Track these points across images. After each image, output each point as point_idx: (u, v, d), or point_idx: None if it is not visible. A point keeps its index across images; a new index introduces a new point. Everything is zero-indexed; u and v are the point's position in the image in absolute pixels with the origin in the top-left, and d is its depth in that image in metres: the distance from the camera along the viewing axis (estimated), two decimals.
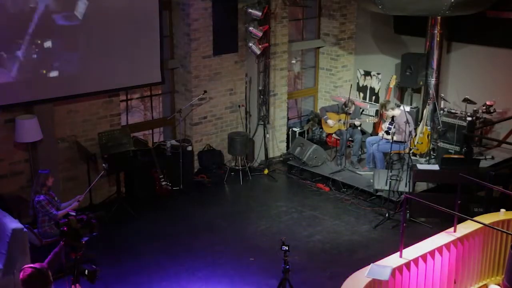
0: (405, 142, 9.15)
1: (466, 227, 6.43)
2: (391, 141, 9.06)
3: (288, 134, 11.15)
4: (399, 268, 5.79)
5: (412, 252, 6.01)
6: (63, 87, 8.23)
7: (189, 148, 9.76)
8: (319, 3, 11.50)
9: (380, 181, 8.92)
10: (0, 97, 7.68)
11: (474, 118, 9.55)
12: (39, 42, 7.86)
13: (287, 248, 5.75)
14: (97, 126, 8.85)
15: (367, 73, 11.61)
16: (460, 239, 6.30)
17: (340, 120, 10.09)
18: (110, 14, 8.42)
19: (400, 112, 9.42)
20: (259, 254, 7.67)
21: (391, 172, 8.84)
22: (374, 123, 10.42)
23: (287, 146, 11.06)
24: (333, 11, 11.38)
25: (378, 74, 11.41)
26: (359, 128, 10.35)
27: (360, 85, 11.73)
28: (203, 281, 7.09)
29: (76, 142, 8.67)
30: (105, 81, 8.63)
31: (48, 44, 7.95)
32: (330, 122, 10.19)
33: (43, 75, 8.01)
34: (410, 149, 9.09)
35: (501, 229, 6.49)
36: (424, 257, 6.01)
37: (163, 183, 9.11)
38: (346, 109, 9.92)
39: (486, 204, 8.29)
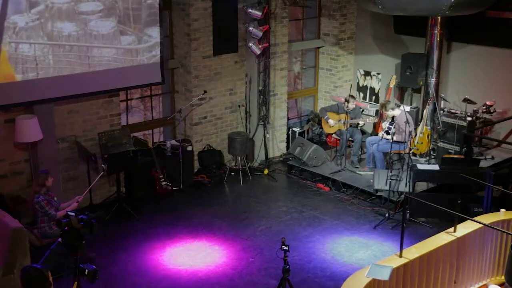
0: (405, 142, 9.15)
1: (466, 227, 6.43)
2: (391, 141, 9.06)
3: (288, 134, 11.15)
4: (399, 268, 5.79)
5: (412, 252, 6.01)
6: (63, 87, 8.23)
7: (189, 148, 9.76)
8: (319, 3, 11.50)
9: (380, 181, 8.92)
10: (0, 97, 7.69)
11: (474, 118, 9.55)
12: (39, 41, 7.87)
13: (287, 248, 5.75)
14: (97, 126, 8.84)
15: (367, 73, 11.61)
16: (460, 239, 6.30)
17: (340, 120, 10.09)
18: (110, 15, 8.42)
19: (400, 112, 9.42)
20: (259, 254, 7.68)
21: (391, 172, 8.84)
22: (374, 123, 10.42)
23: (287, 146, 11.06)
24: (333, 11, 11.38)
25: (378, 74, 11.40)
26: (359, 128, 10.35)
27: (360, 85, 11.73)
28: (203, 281, 7.09)
29: (76, 142, 8.67)
30: (105, 81, 8.63)
31: (48, 43, 7.96)
32: (331, 121, 10.19)
33: (43, 75, 8.00)
34: (410, 149, 9.10)
35: (501, 229, 6.49)
36: (424, 257, 6.01)
37: (163, 183, 9.11)
38: (346, 104, 9.91)
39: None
